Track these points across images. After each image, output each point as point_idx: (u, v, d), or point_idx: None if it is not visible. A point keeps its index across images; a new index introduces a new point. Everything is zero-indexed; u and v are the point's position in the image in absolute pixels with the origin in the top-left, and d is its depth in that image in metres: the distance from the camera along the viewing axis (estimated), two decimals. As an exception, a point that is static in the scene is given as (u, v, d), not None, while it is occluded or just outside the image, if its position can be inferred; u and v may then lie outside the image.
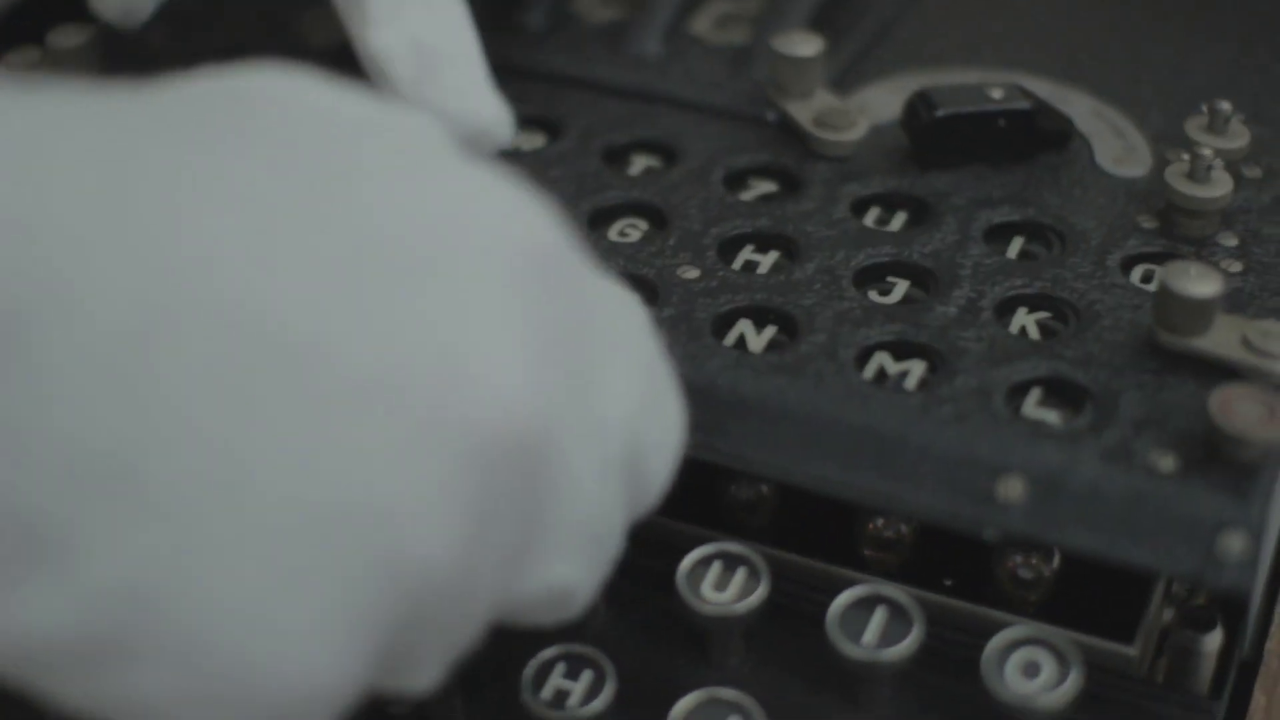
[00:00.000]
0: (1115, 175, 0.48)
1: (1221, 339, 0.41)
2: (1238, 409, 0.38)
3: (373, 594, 0.28)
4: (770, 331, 0.43)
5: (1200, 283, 0.41)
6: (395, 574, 0.28)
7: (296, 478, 0.27)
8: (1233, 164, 0.47)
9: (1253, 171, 0.48)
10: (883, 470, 0.39)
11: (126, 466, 0.27)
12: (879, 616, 0.39)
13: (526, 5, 0.55)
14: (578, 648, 0.40)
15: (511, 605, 0.33)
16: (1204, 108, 0.48)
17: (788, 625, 0.41)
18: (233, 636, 0.28)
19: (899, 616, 0.39)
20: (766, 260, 0.45)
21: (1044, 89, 0.51)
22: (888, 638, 0.39)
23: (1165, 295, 0.41)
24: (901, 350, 0.42)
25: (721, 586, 0.40)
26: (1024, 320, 0.43)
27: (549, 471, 0.31)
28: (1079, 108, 0.51)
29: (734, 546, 0.41)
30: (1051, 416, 0.40)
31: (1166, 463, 0.38)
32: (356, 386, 0.28)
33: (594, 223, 0.46)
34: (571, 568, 0.34)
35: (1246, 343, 0.41)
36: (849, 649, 0.39)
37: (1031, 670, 0.38)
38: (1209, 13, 0.56)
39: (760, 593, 0.40)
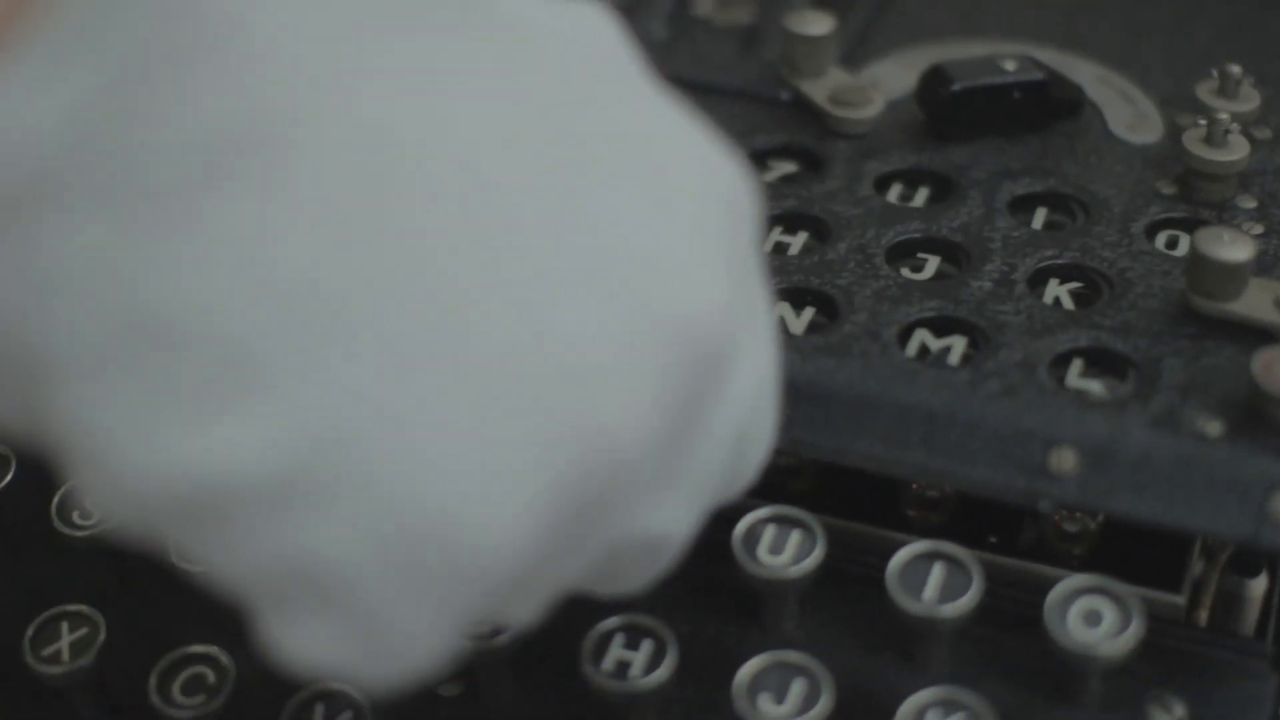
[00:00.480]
0: (1130, 142, 0.48)
1: (1255, 302, 0.42)
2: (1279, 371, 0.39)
3: (566, 459, 0.28)
4: (809, 313, 0.43)
5: (1232, 248, 0.41)
6: (590, 443, 0.29)
7: (513, 335, 0.28)
8: (1244, 127, 0.48)
9: (1262, 133, 0.49)
10: (934, 447, 0.39)
11: (345, 302, 0.27)
12: (938, 572, 0.39)
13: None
14: (636, 617, 0.40)
15: (625, 540, 0.32)
16: (1214, 72, 0.48)
17: (839, 588, 0.42)
18: (428, 484, 0.27)
19: (958, 572, 0.39)
20: (797, 241, 0.45)
21: (1049, 58, 0.52)
22: (948, 593, 0.39)
23: (1198, 261, 0.41)
24: (942, 326, 0.42)
25: (777, 550, 0.40)
26: (1057, 291, 0.43)
27: (719, 389, 0.32)
28: (1085, 75, 0.51)
29: (788, 510, 0.41)
30: (1096, 386, 0.41)
31: (1213, 427, 0.39)
32: (574, 263, 0.29)
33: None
34: (683, 510, 0.33)
35: (1279, 305, 0.41)
36: (911, 605, 0.39)
37: (1093, 619, 0.38)
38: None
39: (816, 555, 0.40)
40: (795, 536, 0.40)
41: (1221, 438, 0.39)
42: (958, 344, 0.42)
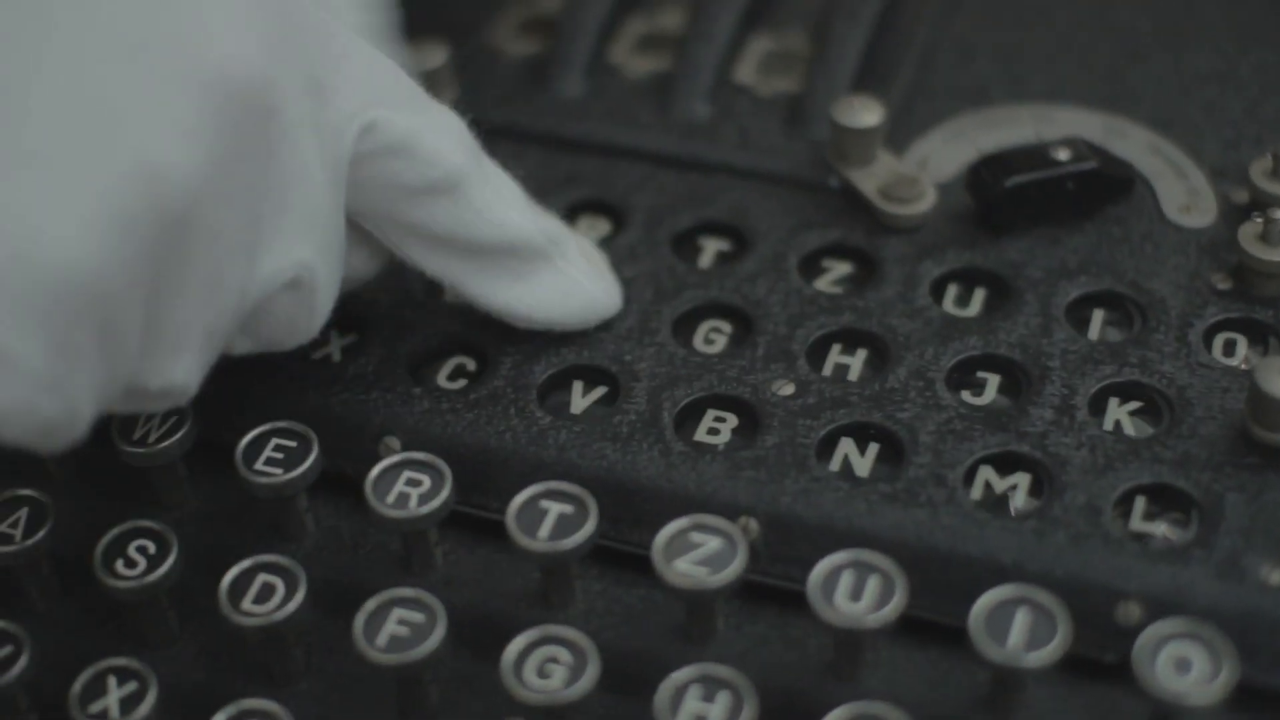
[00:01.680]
0: (1184, 226, 0.48)
1: (1315, 430, 0.42)
2: (1344, 520, 0.40)
3: (126, 196, 0.35)
4: (874, 451, 0.43)
5: (1295, 382, 0.41)
6: (147, 184, 0.35)
7: (73, 94, 0.35)
8: (1299, 208, 0.48)
9: (1316, 209, 0.49)
10: (1003, 599, 0.40)
11: None
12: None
13: (561, 68, 0.54)
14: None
15: (264, 289, 0.40)
16: (1269, 155, 0.48)
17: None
18: (5, 214, 0.34)
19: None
20: (856, 361, 0.45)
21: (1097, 124, 0.51)
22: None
23: (1258, 395, 0.42)
24: (1005, 463, 0.43)
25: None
26: (1118, 414, 0.44)
27: (280, 135, 0.39)
28: (1136, 143, 0.51)
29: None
30: (1160, 529, 0.41)
31: (1277, 575, 0.40)
32: (120, 41, 0.36)
33: (678, 328, 0.47)
34: (312, 252, 0.40)
35: (1341, 435, 0.42)
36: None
37: (1183, 665, 0.38)
38: (1247, 19, 0.55)
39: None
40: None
41: (1285, 585, 0.40)
42: (1022, 482, 0.42)
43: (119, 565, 0.42)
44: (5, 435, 0.36)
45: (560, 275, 0.45)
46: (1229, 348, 0.45)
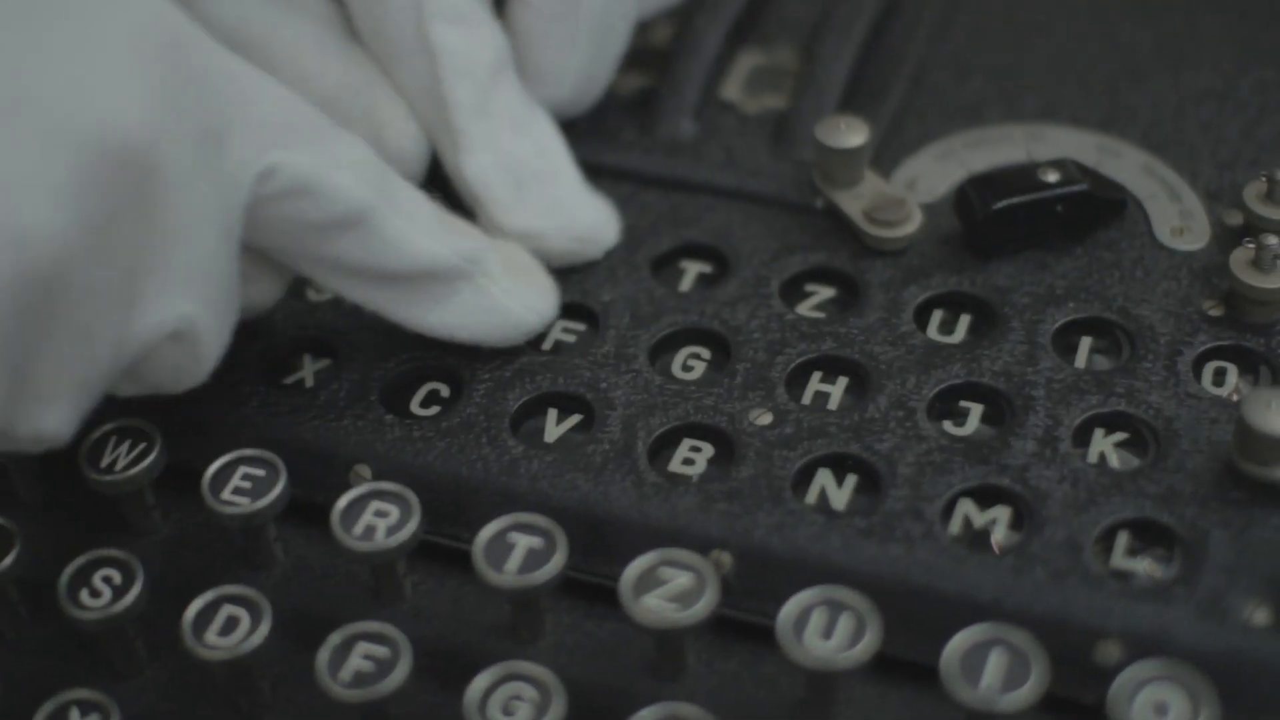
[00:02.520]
0: (1176, 250, 0.47)
1: (1304, 464, 0.41)
2: (1330, 560, 0.39)
3: None
4: (852, 483, 0.42)
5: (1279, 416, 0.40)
6: (17, 244, 0.35)
7: None
8: (1294, 232, 0.47)
9: (1313, 233, 0.47)
10: (979, 637, 0.39)
11: None
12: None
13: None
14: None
15: (142, 342, 0.39)
16: (1263, 176, 0.47)
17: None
18: None
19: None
20: (837, 390, 0.45)
21: (1090, 144, 0.50)
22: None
23: (1245, 429, 0.41)
24: (985, 496, 0.42)
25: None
26: (1103, 446, 0.43)
27: (161, 192, 0.38)
28: (1129, 163, 0.50)
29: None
30: (1142, 566, 0.40)
31: (1260, 615, 0.39)
32: (2, 99, 0.35)
33: (656, 354, 0.46)
34: (193, 305, 0.40)
35: (1330, 470, 0.41)
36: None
37: (1161, 709, 0.37)
38: (1251, 34, 0.54)
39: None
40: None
41: (1268, 626, 0.39)
42: (1002, 516, 0.42)
43: (83, 595, 0.42)
44: None
45: (481, 294, 0.45)
46: (1219, 377, 0.44)
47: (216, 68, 0.40)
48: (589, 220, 0.48)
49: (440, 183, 0.47)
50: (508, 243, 0.47)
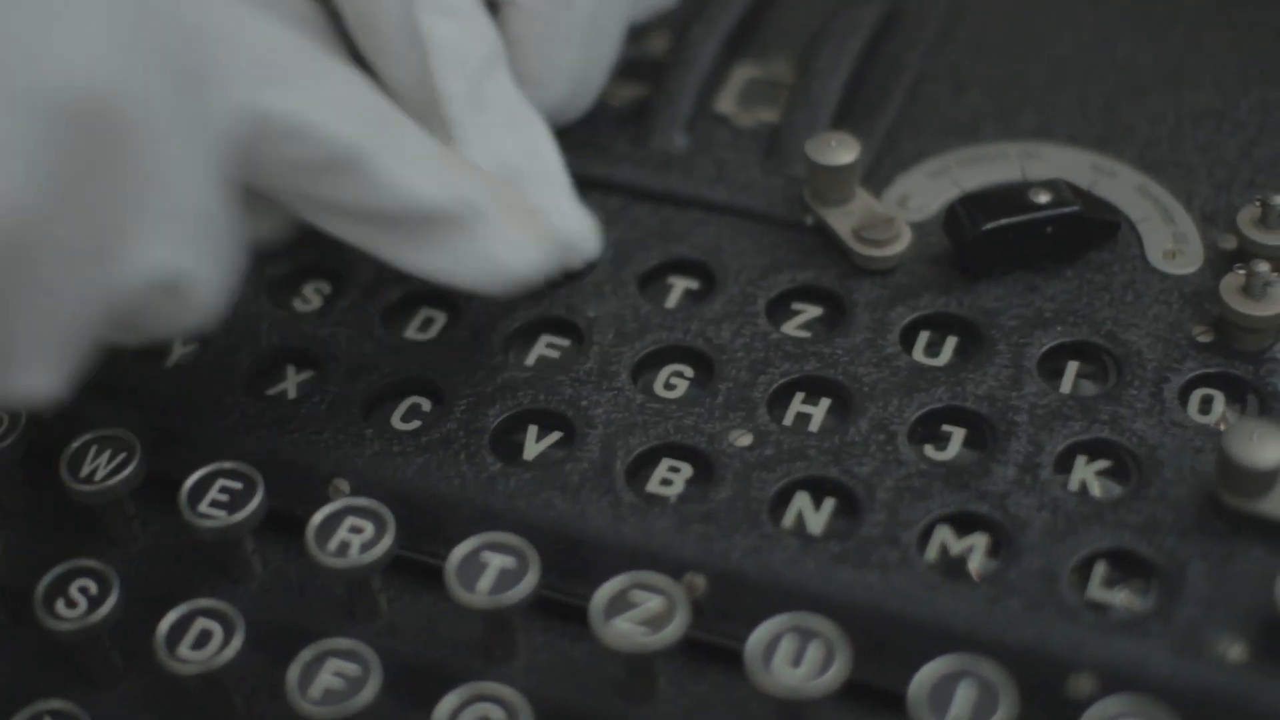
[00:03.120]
0: (1167, 274, 0.47)
1: (1287, 498, 0.41)
2: (1307, 596, 0.38)
3: None
4: (829, 506, 0.42)
5: (1262, 449, 0.40)
6: None
7: None
8: (1288, 257, 0.46)
9: (1308, 257, 0.47)
10: (952, 666, 0.39)
11: None
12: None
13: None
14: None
15: (122, 294, 0.37)
16: (1257, 200, 0.46)
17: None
18: None
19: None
20: (819, 411, 0.44)
21: (1085, 163, 0.50)
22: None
23: (1227, 461, 0.40)
24: (964, 523, 0.41)
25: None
26: (1084, 473, 0.42)
27: (132, 142, 0.36)
28: (1125, 185, 0.49)
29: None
30: (1119, 597, 0.40)
31: (1235, 650, 0.38)
32: None
33: (639, 372, 0.45)
34: (176, 253, 0.38)
35: (1313, 503, 0.40)
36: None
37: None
38: (1254, 52, 0.53)
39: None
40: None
41: (1243, 662, 0.38)
42: (980, 544, 0.41)
43: (59, 605, 0.42)
44: None
45: (476, 242, 0.44)
46: (1206, 404, 0.44)
47: (194, 6, 0.39)
48: (573, 228, 0.48)
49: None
50: (509, 187, 0.46)
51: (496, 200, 0.44)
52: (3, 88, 0.34)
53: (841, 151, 0.48)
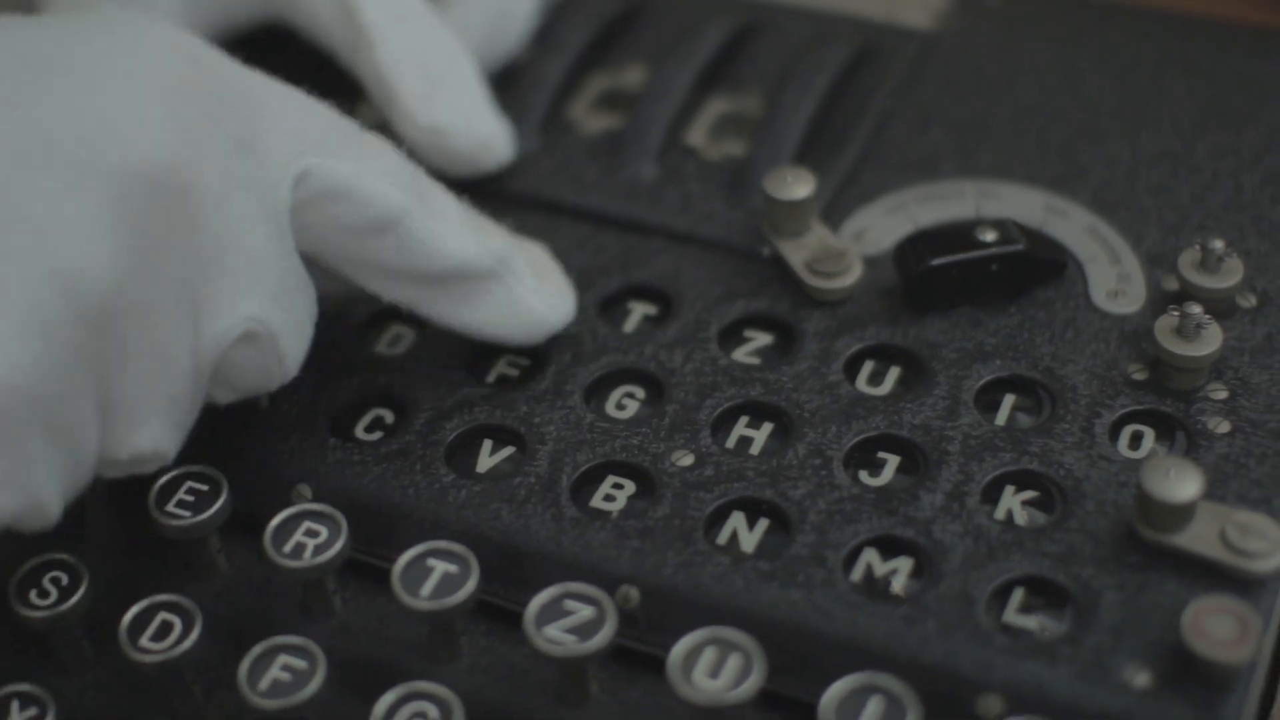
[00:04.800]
0: (1109, 313, 0.48)
1: (1202, 532, 0.42)
2: (1209, 628, 0.40)
3: (44, 302, 0.37)
4: (762, 526, 0.44)
5: (1178, 485, 0.41)
6: (63, 286, 0.37)
7: None
8: (1226, 299, 0.48)
9: (1247, 300, 0.48)
10: (869, 683, 0.41)
11: None
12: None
13: (517, 122, 0.55)
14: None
15: (217, 348, 0.42)
16: (1197, 245, 0.48)
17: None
18: None
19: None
20: (761, 435, 0.46)
21: (1039, 202, 0.51)
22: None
23: (1143, 495, 0.42)
24: (889, 546, 0.43)
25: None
26: (1010, 503, 0.44)
27: (199, 205, 0.40)
28: (1074, 225, 0.51)
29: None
30: (1033, 623, 0.42)
31: (1141, 678, 0.40)
32: (27, 146, 0.38)
33: (592, 393, 0.48)
34: (259, 305, 0.42)
35: (1225, 539, 0.42)
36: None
37: None
38: (1213, 96, 0.55)
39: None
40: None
41: (1148, 688, 0.40)
42: (903, 566, 0.43)
43: (33, 595, 0.44)
44: None
45: (510, 293, 0.47)
46: (1135, 440, 0.45)
47: (236, 83, 0.43)
48: (492, 129, 0.52)
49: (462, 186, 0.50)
50: (531, 245, 0.49)
51: (523, 255, 0.48)
52: (74, 171, 0.38)
53: (798, 186, 0.50)
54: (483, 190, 0.53)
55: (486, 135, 0.52)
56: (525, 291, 0.47)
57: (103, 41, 0.41)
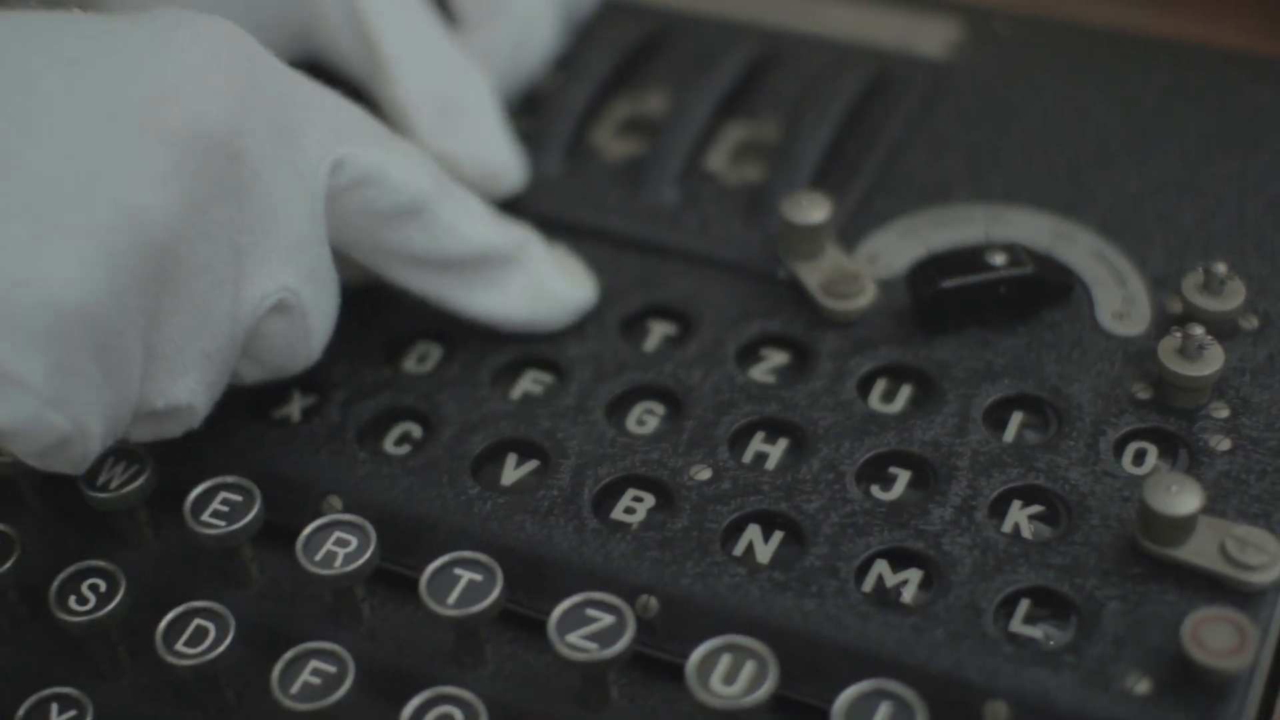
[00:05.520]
0: (1114, 334, 0.50)
1: (1202, 546, 0.43)
2: (1208, 637, 0.41)
3: (111, 234, 0.40)
4: (777, 538, 0.46)
5: (1179, 500, 0.43)
6: (129, 222, 0.40)
7: (59, 154, 0.40)
8: (1229, 321, 0.49)
9: (1249, 322, 0.50)
10: (879, 690, 0.42)
11: None
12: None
13: (543, 147, 0.57)
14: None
15: (254, 313, 0.44)
16: (1201, 268, 0.49)
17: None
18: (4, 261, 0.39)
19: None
20: (776, 451, 0.48)
21: (1046, 227, 0.53)
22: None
23: (1145, 509, 0.43)
24: (900, 558, 0.45)
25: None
26: (1017, 517, 0.46)
27: (250, 175, 0.43)
28: (1082, 249, 0.52)
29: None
30: (1038, 633, 0.43)
31: (1142, 686, 0.41)
32: (100, 106, 0.41)
33: (614, 409, 0.49)
34: (296, 279, 0.45)
35: (1225, 553, 0.43)
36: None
37: None
38: (1220, 124, 0.56)
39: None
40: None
41: (1149, 696, 0.41)
42: (913, 578, 0.44)
43: (72, 601, 0.46)
44: (20, 451, 0.42)
45: (530, 277, 0.50)
46: (1139, 457, 0.47)
47: (280, 76, 0.46)
48: (502, 159, 0.54)
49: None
50: (551, 244, 0.52)
51: (540, 241, 0.51)
52: (143, 127, 0.42)
53: (813, 210, 0.51)
54: (510, 212, 0.55)
55: (498, 164, 0.54)
56: (547, 274, 0.50)
57: (166, 22, 0.44)
